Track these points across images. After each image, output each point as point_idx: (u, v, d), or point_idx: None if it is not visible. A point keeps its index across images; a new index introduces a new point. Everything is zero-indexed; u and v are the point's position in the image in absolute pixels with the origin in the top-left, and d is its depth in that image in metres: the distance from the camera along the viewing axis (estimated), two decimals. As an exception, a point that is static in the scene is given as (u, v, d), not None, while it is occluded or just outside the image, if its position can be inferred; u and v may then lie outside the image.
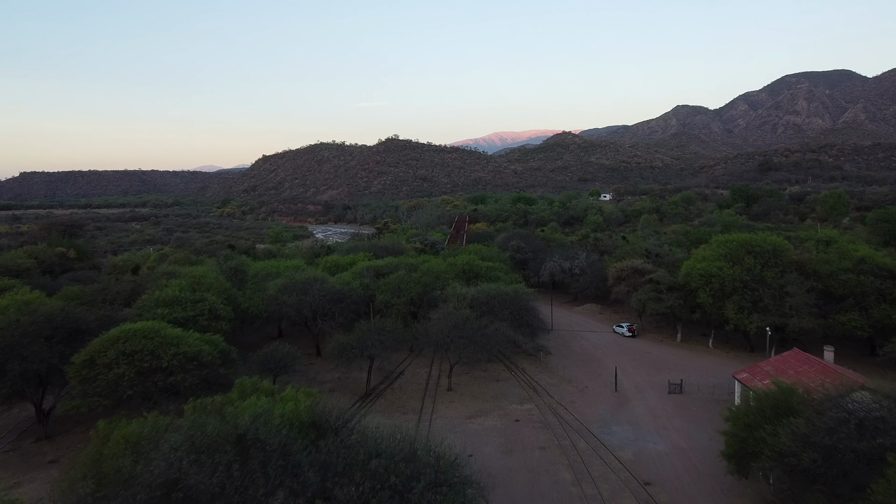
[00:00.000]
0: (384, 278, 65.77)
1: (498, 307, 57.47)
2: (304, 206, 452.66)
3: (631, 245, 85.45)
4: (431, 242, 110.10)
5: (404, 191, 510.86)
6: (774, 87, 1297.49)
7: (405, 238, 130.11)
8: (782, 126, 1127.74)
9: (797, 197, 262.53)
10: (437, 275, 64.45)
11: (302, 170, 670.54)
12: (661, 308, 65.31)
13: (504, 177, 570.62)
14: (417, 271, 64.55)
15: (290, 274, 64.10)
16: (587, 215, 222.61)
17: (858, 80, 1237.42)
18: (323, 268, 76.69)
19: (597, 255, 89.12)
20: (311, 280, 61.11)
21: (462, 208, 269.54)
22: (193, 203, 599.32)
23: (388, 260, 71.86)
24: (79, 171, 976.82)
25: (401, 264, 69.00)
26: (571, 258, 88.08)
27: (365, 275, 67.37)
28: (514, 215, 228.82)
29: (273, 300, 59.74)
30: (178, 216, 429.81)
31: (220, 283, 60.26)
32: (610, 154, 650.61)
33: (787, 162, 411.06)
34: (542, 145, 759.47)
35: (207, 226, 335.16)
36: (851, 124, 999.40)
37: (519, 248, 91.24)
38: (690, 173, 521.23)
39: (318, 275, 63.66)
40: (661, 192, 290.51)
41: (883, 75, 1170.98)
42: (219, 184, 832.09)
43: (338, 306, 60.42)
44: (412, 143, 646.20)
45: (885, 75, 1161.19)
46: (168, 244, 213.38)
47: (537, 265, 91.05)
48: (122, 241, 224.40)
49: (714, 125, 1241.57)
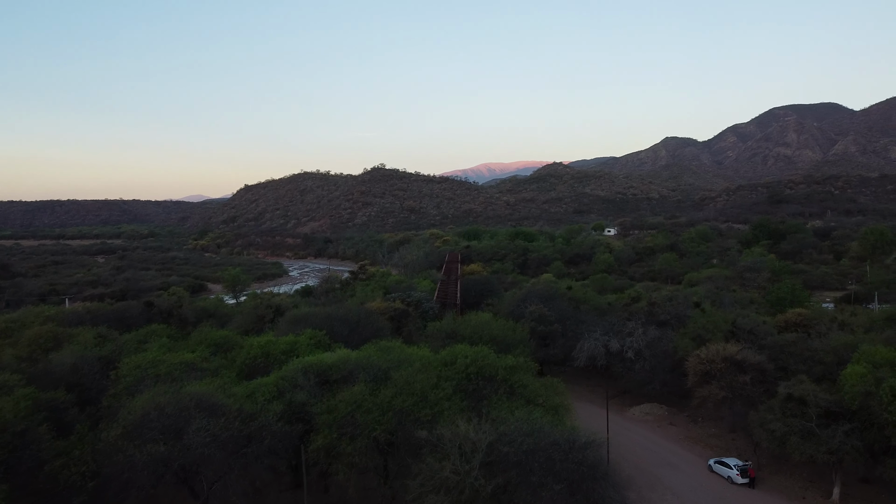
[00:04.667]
0: (332, 393, 37.96)
1: (539, 472, 29.64)
2: (283, 240, 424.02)
3: (709, 317, 58.12)
4: (416, 300, 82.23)
5: (390, 223, 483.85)
6: (763, 119, 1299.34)
7: (383, 289, 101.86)
8: (773, 158, 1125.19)
9: (822, 232, 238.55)
10: (423, 393, 36.19)
11: (284, 200, 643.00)
12: (819, 453, 37.49)
13: (496, 208, 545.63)
14: (388, 387, 36.45)
15: (159, 391, 35.35)
16: (595, 253, 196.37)
17: (846, 113, 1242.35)
18: (243, 360, 48.49)
19: (654, 327, 61.65)
20: (191, 403, 32.99)
21: (453, 244, 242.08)
22: (170, 234, 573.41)
23: (341, 354, 43.28)
24: (57, 201, 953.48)
25: (363, 364, 40.75)
26: (618, 332, 60.76)
27: (301, 383, 39.26)
28: (513, 253, 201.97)
29: (114, 451, 31.70)
30: (146, 249, 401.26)
31: (19, 408, 32.47)
32: (605, 185, 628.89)
33: (797, 194, 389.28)
34: (534, 176, 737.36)
35: (173, 261, 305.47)
36: (843, 156, 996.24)
37: (542, 318, 63.69)
38: (690, 205, 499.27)
39: (206, 393, 34.80)
40: (672, 227, 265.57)
41: (870, 108, 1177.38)
42: (200, 214, 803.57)
43: (238, 459, 32.59)
44: (399, 173, 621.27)
45: (871, 108, 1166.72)
46: (112, 286, 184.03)
47: (567, 341, 63.59)
48: (62, 282, 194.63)
49: (703, 156, 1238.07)
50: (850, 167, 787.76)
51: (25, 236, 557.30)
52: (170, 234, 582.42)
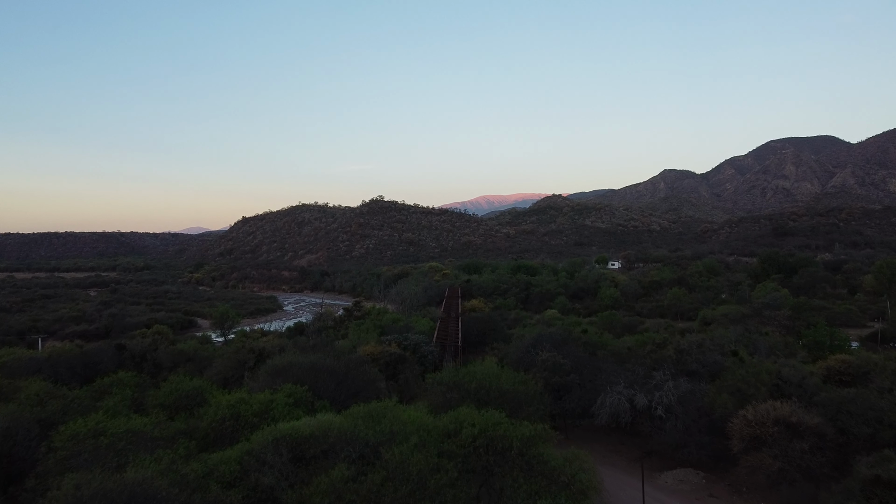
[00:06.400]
0: (308, 473, 30.33)
1: None
2: (279, 273, 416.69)
3: (749, 368, 50.67)
4: (414, 343, 74.73)
5: (389, 255, 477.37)
6: (760, 151, 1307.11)
7: (378, 329, 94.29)
8: (771, 190, 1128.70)
9: (832, 266, 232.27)
10: (421, 479, 28.23)
11: (281, 232, 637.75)
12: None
13: (496, 241, 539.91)
14: (376, 470, 28.57)
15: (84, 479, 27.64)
16: (600, 287, 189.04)
17: (843, 146, 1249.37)
18: (209, 423, 40.94)
19: (685, 378, 54.15)
20: (122, 496, 25.61)
21: (453, 278, 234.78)
22: (166, 267, 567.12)
23: (321, 421, 35.43)
24: (54, 233, 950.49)
25: (347, 436, 32.86)
26: (643, 384, 53.31)
27: (270, 460, 31.57)
28: (515, 288, 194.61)
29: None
30: (139, 283, 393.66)
31: None
32: (605, 217, 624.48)
33: (801, 226, 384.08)
34: (534, 208, 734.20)
35: (165, 295, 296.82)
36: (841, 189, 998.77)
37: (556, 367, 56.13)
38: (692, 238, 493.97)
39: (145, 481, 27.08)
40: (678, 260, 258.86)
41: (867, 141, 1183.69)
42: (197, 246, 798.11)
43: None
44: (398, 205, 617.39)
45: (869, 141, 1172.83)
46: (96, 322, 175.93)
47: (585, 393, 55.99)
48: (45, 318, 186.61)
49: (702, 189, 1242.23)
50: (850, 199, 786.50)
51: (20, 268, 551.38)
52: (166, 266, 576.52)
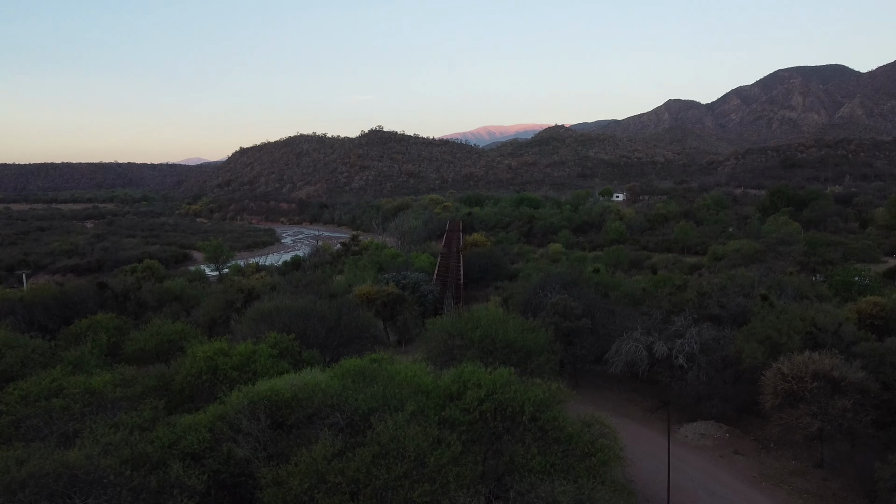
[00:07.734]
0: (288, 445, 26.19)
1: None
2: (277, 205, 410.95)
3: (780, 314, 46.20)
4: (413, 282, 70.29)
5: (388, 187, 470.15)
6: (767, 81, 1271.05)
7: (376, 266, 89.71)
8: (777, 121, 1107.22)
9: (843, 199, 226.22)
10: (419, 455, 24.19)
11: (279, 164, 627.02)
12: None
13: (497, 172, 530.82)
14: (366, 445, 24.52)
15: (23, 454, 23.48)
16: (605, 221, 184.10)
17: (852, 75, 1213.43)
18: (183, 379, 36.44)
19: (708, 324, 49.73)
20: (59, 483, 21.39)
21: (454, 211, 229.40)
22: (164, 199, 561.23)
23: (305, 380, 31.16)
24: (51, 164, 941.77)
25: (334, 402, 28.57)
26: (662, 330, 48.96)
27: (246, 427, 27.17)
28: (518, 221, 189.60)
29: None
30: (136, 214, 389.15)
31: None
32: (609, 148, 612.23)
33: (809, 158, 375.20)
34: (536, 139, 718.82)
35: (161, 227, 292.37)
36: (849, 120, 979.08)
37: (566, 311, 51.70)
38: (698, 170, 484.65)
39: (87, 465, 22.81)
40: (684, 192, 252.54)
41: (877, 70, 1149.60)
42: (195, 178, 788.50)
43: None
44: (397, 136, 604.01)
45: (879, 70, 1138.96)
46: (88, 256, 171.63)
47: (598, 340, 51.80)
48: (37, 251, 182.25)
49: (707, 120, 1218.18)
50: (858, 130, 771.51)
51: (17, 200, 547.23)
52: (163, 198, 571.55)
